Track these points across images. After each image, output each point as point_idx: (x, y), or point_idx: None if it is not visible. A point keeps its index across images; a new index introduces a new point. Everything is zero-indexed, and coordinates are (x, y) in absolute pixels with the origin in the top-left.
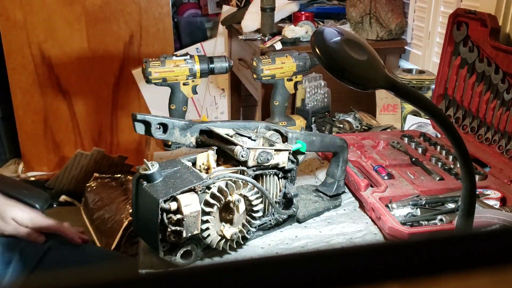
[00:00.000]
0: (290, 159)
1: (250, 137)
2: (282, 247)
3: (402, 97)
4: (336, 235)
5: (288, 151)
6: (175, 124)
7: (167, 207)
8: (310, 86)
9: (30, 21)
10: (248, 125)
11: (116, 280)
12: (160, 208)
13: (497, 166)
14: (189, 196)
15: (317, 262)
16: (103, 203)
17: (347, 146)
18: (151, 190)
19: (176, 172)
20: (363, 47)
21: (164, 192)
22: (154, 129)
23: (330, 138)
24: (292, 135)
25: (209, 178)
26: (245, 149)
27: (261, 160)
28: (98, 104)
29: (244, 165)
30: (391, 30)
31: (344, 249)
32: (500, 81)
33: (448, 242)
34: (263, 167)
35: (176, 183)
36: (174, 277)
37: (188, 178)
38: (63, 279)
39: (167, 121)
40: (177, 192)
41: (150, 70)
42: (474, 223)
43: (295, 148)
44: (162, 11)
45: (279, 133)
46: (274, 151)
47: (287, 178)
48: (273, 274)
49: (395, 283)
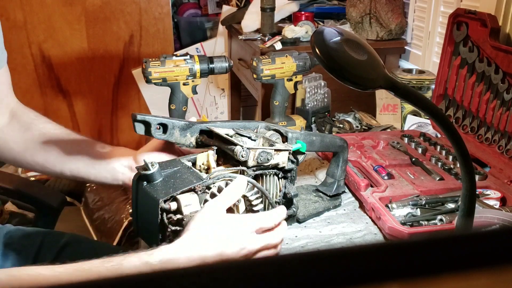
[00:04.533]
0: (290, 159)
1: (250, 137)
2: (281, 247)
3: (402, 97)
4: (336, 235)
5: (288, 151)
6: (175, 125)
7: (167, 207)
8: (310, 86)
9: (30, 21)
10: (248, 125)
11: (110, 279)
12: (160, 208)
13: (497, 166)
14: (189, 196)
15: (316, 262)
16: (103, 203)
17: (347, 146)
18: (151, 190)
19: (176, 172)
20: (363, 47)
21: (164, 192)
22: (154, 130)
23: (330, 138)
24: (292, 135)
25: (209, 178)
26: (245, 149)
27: (261, 160)
28: (98, 104)
29: (244, 165)
30: (391, 30)
31: (343, 249)
32: (500, 81)
33: (448, 242)
34: (263, 167)
35: (176, 183)
36: (171, 277)
37: (188, 178)
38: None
39: (167, 121)
40: (177, 192)
41: (150, 70)
42: (474, 223)
43: (295, 148)
44: (162, 11)
45: (279, 133)
46: (274, 151)
47: (287, 178)
48: (273, 274)
49: (394, 283)
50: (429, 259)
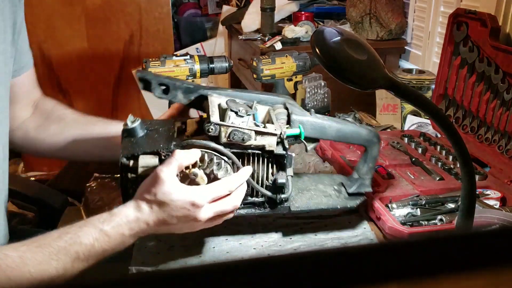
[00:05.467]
0: (282, 144)
1: (237, 112)
2: (275, 249)
3: (402, 97)
4: (331, 239)
5: (275, 136)
6: (176, 86)
7: (126, 163)
8: (310, 86)
9: (30, 21)
10: (266, 98)
11: (105, 280)
12: (120, 163)
13: (497, 166)
14: (149, 158)
15: (316, 263)
16: (103, 203)
17: (378, 141)
18: (124, 145)
19: (158, 132)
20: (363, 47)
21: (129, 149)
22: (154, 89)
23: (354, 128)
24: (295, 118)
25: (172, 145)
26: (213, 124)
27: (234, 139)
28: (98, 104)
29: (216, 141)
30: (391, 30)
31: (343, 249)
32: (500, 81)
33: (448, 242)
34: (242, 147)
35: (149, 143)
36: (163, 278)
37: (159, 140)
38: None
39: (168, 82)
40: (140, 152)
41: (150, 70)
42: (474, 223)
43: (289, 133)
44: (162, 11)
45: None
46: (255, 132)
47: (279, 164)
48: (273, 274)
49: (394, 283)
50: (429, 259)
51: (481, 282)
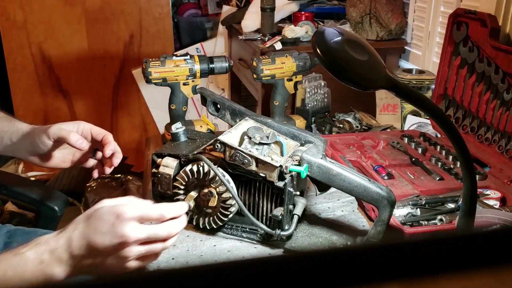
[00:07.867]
0: (284, 178)
1: (250, 138)
2: (275, 247)
3: (403, 97)
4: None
5: (276, 168)
6: (226, 106)
7: (154, 160)
8: (310, 86)
9: (30, 21)
10: (298, 135)
11: (104, 280)
12: (152, 159)
13: (497, 166)
14: (170, 160)
15: (316, 262)
16: None
17: (390, 205)
18: (165, 145)
19: (194, 142)
20: (364, 47)
21: (163, 150)
22: (209, 106)
23: (364, 183)
24: (305, 157)
25: (190, 155)
26: (219, 142)
27: (236, 160)
28: (98, 104)
29: (224, 159)
30: (391, 30)
31: (343, 249)
32: (500, 81)
33: (449, 242)
34: (244, 171)
35: (179, 148)
36: (163, 278)
37: (186, 148)
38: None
39: (220, 101)
40: (165, 154)
41: (150, 70)
42: (475, 223)
43: (292, 169)
44: (162, 11)
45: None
46: (252, 158)
47: (280, 197)
48: (273, 274)
49: (394, 283)
50: (430, 259)
51: (481, 282)
